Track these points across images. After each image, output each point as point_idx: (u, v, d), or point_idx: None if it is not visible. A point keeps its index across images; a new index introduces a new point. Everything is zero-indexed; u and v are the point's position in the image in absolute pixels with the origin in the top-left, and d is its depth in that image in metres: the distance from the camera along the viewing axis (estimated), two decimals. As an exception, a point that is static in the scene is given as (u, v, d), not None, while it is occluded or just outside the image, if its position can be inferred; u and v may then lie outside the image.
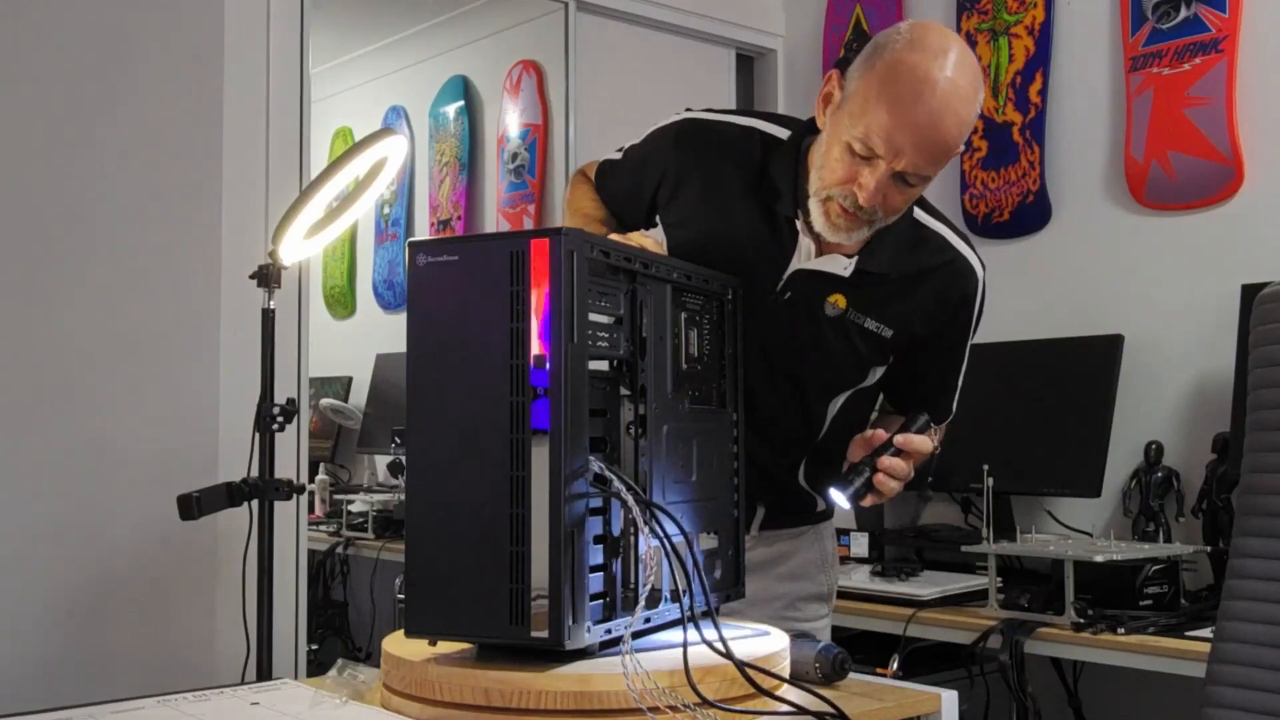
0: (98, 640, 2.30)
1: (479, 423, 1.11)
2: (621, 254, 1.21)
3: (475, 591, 1.10)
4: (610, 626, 1.15)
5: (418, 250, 1.15)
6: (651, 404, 1.25)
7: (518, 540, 1.08)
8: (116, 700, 1.20)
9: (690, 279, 1.35)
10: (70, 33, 2.40)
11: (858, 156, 1.47)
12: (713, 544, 1.38)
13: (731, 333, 1.45)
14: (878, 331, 1.61)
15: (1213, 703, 1.45)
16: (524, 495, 1.08)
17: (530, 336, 1.09)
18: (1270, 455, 1.46)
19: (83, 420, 2.36)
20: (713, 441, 1.38)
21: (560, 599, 1.07)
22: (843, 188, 1.49)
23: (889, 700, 1.26)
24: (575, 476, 1.09)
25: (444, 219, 4.09)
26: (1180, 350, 2.68)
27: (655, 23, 3.37)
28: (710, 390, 1.41)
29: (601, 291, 1.19)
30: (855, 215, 1.50)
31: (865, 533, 2.80)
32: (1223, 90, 2.60)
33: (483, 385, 1.11)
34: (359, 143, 1.89)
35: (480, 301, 1.11)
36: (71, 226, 2.39)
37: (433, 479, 1.14)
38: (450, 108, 4.06)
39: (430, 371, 1.15)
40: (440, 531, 1.13)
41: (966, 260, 1.68)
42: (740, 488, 1.43)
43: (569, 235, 1.10)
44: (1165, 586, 2.31)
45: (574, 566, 1.09)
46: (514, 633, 1.09)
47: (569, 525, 1.08)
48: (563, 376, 1.08)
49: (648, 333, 1.26)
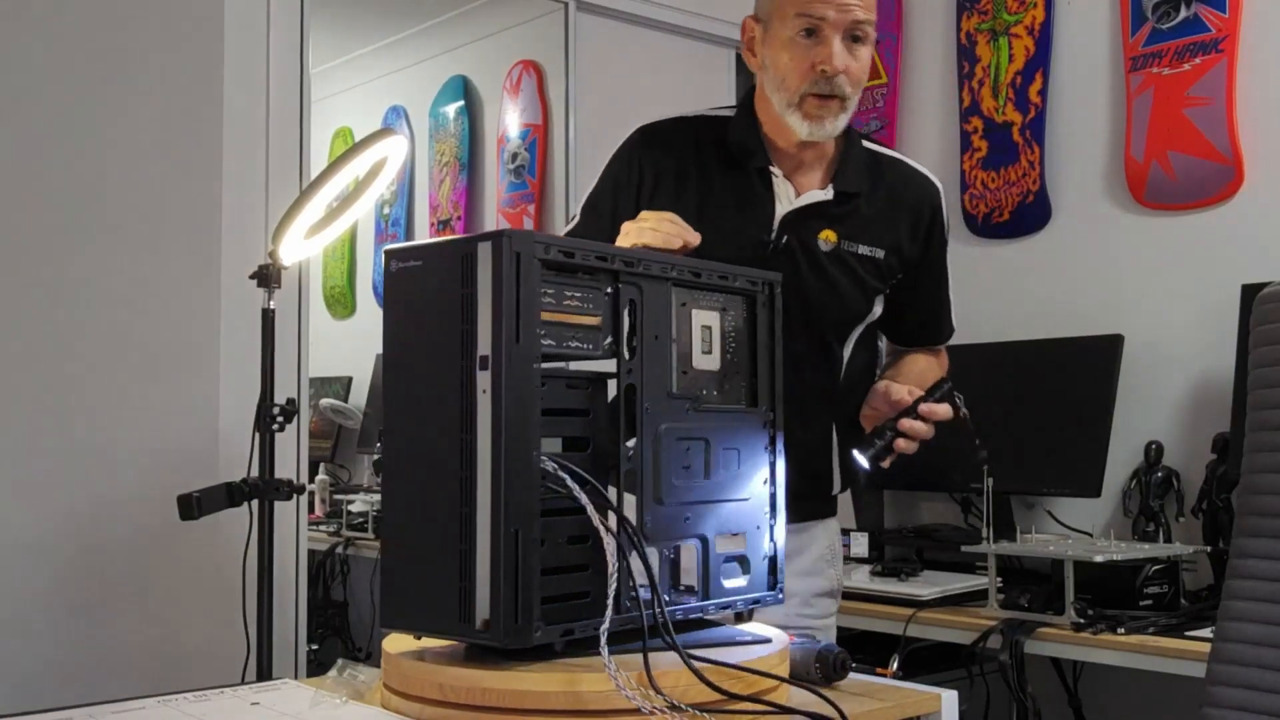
0: (98, 640, 2.30)
1: (437, 424, 1.14)
2: (593, 253, 1.21)
3: (433, 588, 1.14)
4: (573, 627, 1.15)
5: (390, 256, 1.20)
6: (644, 404, 1.24)
7: (466, 539, 1.11)
8: (116, 700, 1.19)
9: (700, 275, 1.33)
10: (70, 33, 2.40)
11: (805, 43, 1.66)
12: (738, 546, 1.36)
13: (767, 329, 1.41)
14: (872, 255, 1.76)
15: (1213, 703, 1.45)
16: (471, 495, 1.11)
17: (478, 338, 1.12)
18: (1270, 455, 1.46)
19: (83, 420, 2.36)
20: (739, 441, 1.35)
21: (500, 598, 1.09)
22: (808, 76, 1.66)
23: (889, 700, 1.26)
24: (518, 476, 1.10)
25: (444, 219, 4.09)
26: (1180, 350, 2.68)
27: (655, 23, 3.37)
28: (738, 389, 1.38)
29: (572, 292, 1.19)
30: (829, 98, 1.68)
31: (865, 533, 2.80)
32: (1223, 90, 2.60)
33: (440, 387, 1.14)
34: (359, 143, 1.89)
35: (439, 305, 1.15)
36: (71, 226, 2.39)
37: (401, 478, 1.19)
38: (450, 108, 4.06)
39: (401, 374, 1.19)
40: (406, 529, 1.18)
41: (926, 175, 1.86)
42: (777, 489, 1.40)
43: (515, 237, 1.12)
44: (1165, 586, 2.31)
45: (517, 565, 1.10)
46: (463, 630, 1.12)
47: (513, 525, 1.09)
48: (501, 377, 1.10)
49: (640, 332, 1.25)
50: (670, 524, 1.26)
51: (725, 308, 1.37)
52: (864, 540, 2.78)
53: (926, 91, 3.24)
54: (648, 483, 1.24)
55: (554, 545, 1.16)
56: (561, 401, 1.19)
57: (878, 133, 3.32)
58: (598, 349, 1.22)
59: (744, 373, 1.39)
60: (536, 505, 1.12)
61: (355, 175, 1.93)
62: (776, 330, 1.40)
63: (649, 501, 1.24)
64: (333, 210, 1.96)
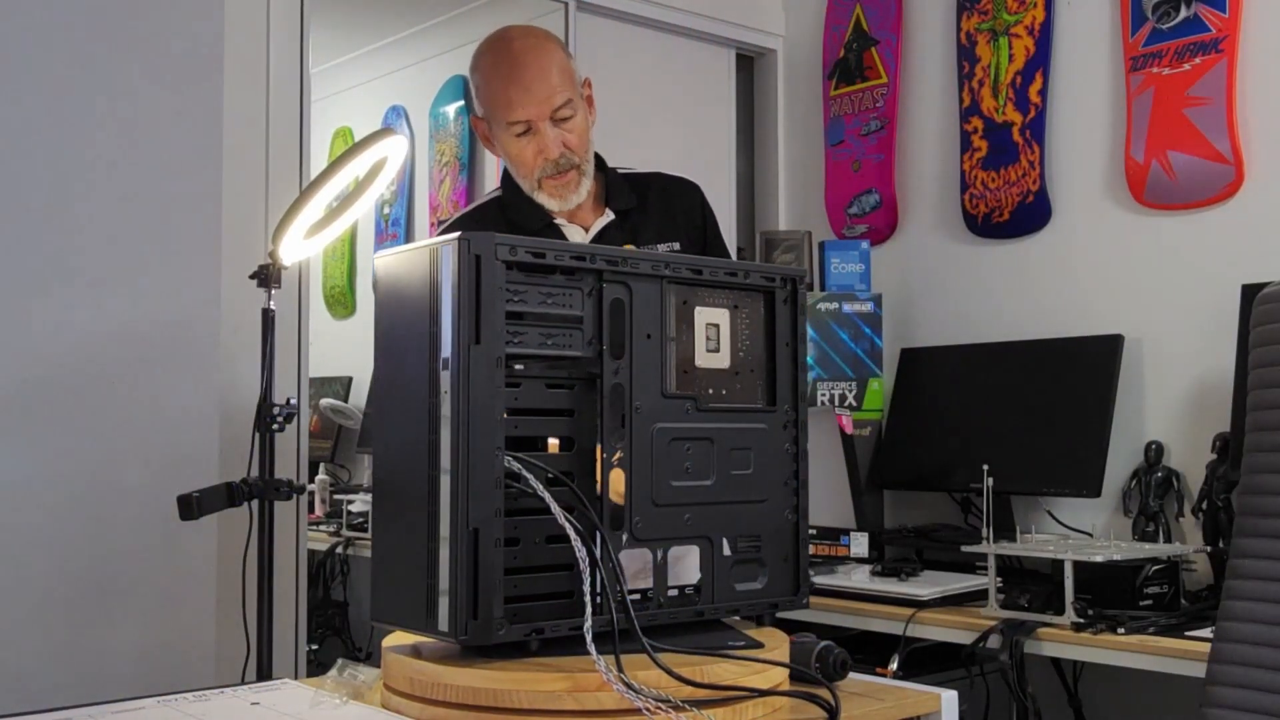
0: (98, 640, 2.30)
1: (412, 424, 1.17)
2: (567, 253, 1.21)
3: (409, 584, 1.17)
4: (544, 626, 1.15)
5: (379, 261, 1.24)
6: (634, 403, 1.24)
7: (431, 537, 1.13)
8: (116, 700, 1.20)
9: (701, 273, 1.31)
10: (69, 32, 2.40)
11: (523, 140, 1.90)
12: (754, 548, 1.34)
13: (788, 327, 1.38)
14: (671, 249, 1.99)
15: (1213, 703, 1.45)
16: (435, 494, 1.13)
17: (441, 340, 1.14)
18: (1270, 455, 1.46)
19: (82, 420, 2.36)
20: (750, 441, 1.33)
21: (458, 595, 1.11)
22: (535, 164, 1.91)
23: (889, 700, 1.26)
24: (477, 475, 1.11)
25: (444, 219, 4.09)
26: (1180, 350, 2.68)
27: (655, 23, 3.37)
28: (752, 388, 1.36)
29: (553, 292, 1.19)
30: (562, 173, 1.92)
31: (865, 533, 2.80)
32: (1223, 90, 2.60)
33: (415, 389, 1.17)
34: (359, 142, 1.89)
35: (414, 308, 1.18)
36: (70, 226, 2.39)
37: (385, 477, 1.22)
38: (450, 107, 4.06)
39: (384, 375, 1.24)
40: (389, 526, 1.21)
41: (684, 179, 2.11)
42: (802, 489, 1.37)
43: (475, 239, 1.13)
44: (1165, 587, 2.31)
45: (476, 564, 1.11)
46: (430, 626, 1.14)
47: (472, 523, 1.11)
48: (460, 378, 1.12)
49: (630, 331, 1.24)
50: (666, 525, 1.26)
51: (737, 305, 1.35)
52: (864, 540, 2.78)
53: (926, 91, 3.24)
54: (639, 483, 1.24)
55: (529, 545, 1.16)
56: (542, 402, 1.20)
57: (878, 133, 3.32)
58: (580, 349, 1.22)
59: (760, 371, 1.36)
60: (498, 504, 1.13)
61: (355, 175, 1.93)
62: (800, 328, 1.38)
63: (641, 502, 1.24)
64: (333, 210, 1.96)
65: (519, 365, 1.18)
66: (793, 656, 1.27)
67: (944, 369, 2.98)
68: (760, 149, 3.68)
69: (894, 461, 3.01)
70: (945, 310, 3.14)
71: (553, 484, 1.17)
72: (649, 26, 3.37)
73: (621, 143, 2.38)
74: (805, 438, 1.37)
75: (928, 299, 3.19)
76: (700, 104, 3.52)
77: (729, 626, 1.33)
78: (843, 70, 3.42)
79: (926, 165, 3.24)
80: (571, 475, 1.20)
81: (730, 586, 1.30)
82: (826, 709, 1.16)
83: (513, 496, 1.14)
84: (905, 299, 3.22)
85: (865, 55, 3.37)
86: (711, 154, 3.53)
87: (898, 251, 3.28)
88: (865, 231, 3.32)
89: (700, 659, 1.16)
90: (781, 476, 1.35)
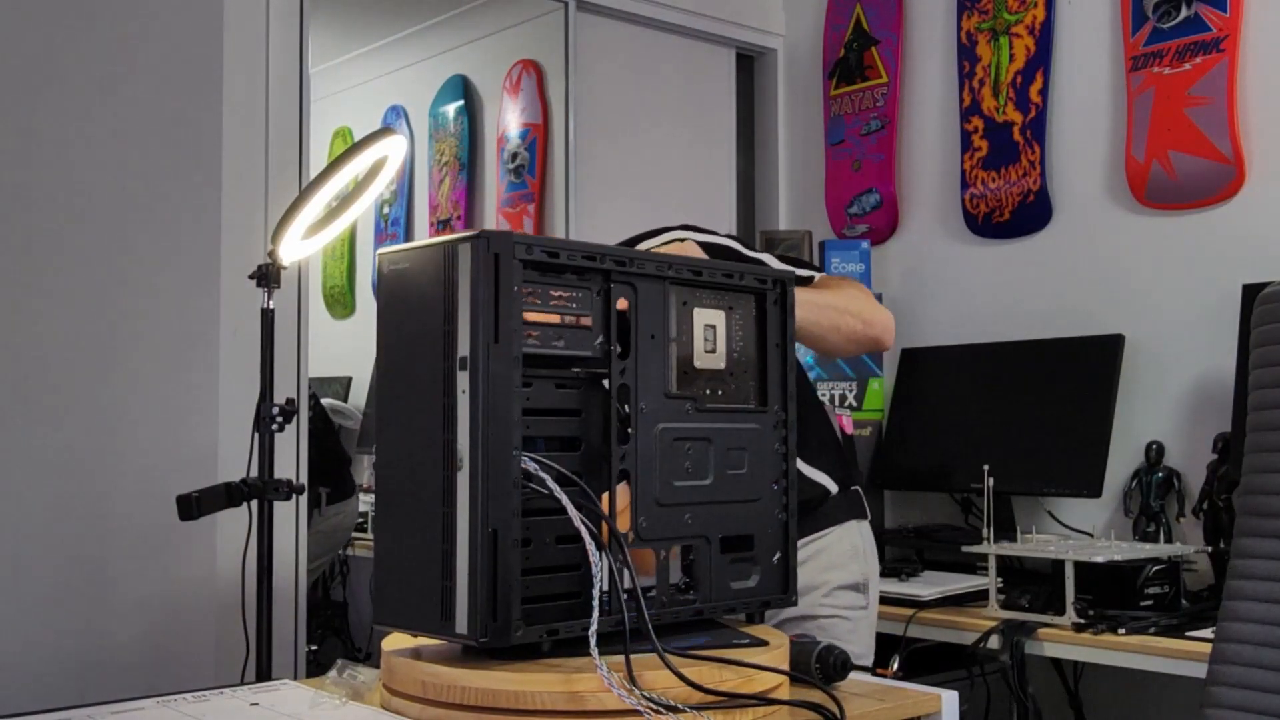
0: (98, 640, 2.30)
1: (424, 424, 1.15)
2: (579, 253, 1.20)
3: (420, 587, 1.15)
4: (558, 627, 1.15)
5: (384, 258, 1.21)
6: (639, 404, 1.24)
7: (447, 539, 1.12)
8: (116, 700, 1.19)
9: (701, 274, 1.31)
10: (69, 32, 2.40)
11: None
12: (747, 547, 1.33)
13: (778, 328, 1.39)
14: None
15: (1213, 703, 1.45)
16: (451, 495, 1.12)
17: (458, 339, 1.12)
18: (1271, 455, 1.46)
19: (82, 420, 2.36)
20: (744, 441, 1.34)
21: (478, 597, 1.09)
22: None
23: (889, 700, 1.26)
24: (496, 476, 1.10)
25: (443, 219, 4.09)
26: (1180, 350, 2.67)
27: (655, 23, 3.37)
28: (746, 388, 1.36)
29: (561, 292, 1.19)
30: None
31: (865, 533, 2.79)
32: (1223, 90, 2.60)
33: (426, 388, 1.15)
34: (358, 142, 1.88)
35: (425, 307, 1.16)
36: (70, 226, 2.39)
37: (391, 478, 1.20)
38: (450, 107, 4.05)
39: (391, 375, 1.21)
40: (397, 528, 1.19)
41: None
42: (791, 489, 1.38)
43: (494, 238, 1.12)
44: (1166, 587, 2.31)
45: (495, 565, 1.10)
46: (446, 629, 1.12)
47: (491, 525, 1.10)
48: (479, 378, 1.10)
49: (635, 331, 1.24)
50: (669, 524, 1.26)
51: (731, 307, 1.35)
52: (864, 540, 2.78)
53: (927, 91, 3.24)
54: (644, 483, 1.24)
55: (540, 545, 1.16)
56: (551, 402, 1.19)
57: (878, 132, 3.32)
58: (589, 349, 1.21)
59: (752, 372, 1.37)
60: (516, 505, 1.12)
61: (355, 175, 1.92)
62: (788, 329, 1.38)
63: (645, 502, 1.24)
64: (332, 210, 1.95)
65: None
66: (793, 656, 1.27)
67: (944, 369, 2.98)
68: (760, 148, 3.68)
69: (894, 461, 3.00)
70: (945, 310, 3.14)
71: (560, 484, 1.16)
72: (649, 26, 3.37)
73: (622, 143, 2.38)
74: (795, 438, 1.38)
75: (928, 299, 3.19)
76: (700, 104, 3.52)
77: (726, 625, 1.33)
78: (843, 70, 3.42)
79: (927, 165, 3.23)
80: (580, 475, 1.19)
81: (725, 585, 1.31)
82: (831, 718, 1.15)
83: (525, 497, 1.14)
84: (905, 299, 3.22)
85: (865, 55, 3.36)
86: (711, 153, 3.53)
87: (898, 251, 3.28)
88: (865, 231, 3.32)
89: (711, 664, 1.16)
90: (772, 476, 1.37)
